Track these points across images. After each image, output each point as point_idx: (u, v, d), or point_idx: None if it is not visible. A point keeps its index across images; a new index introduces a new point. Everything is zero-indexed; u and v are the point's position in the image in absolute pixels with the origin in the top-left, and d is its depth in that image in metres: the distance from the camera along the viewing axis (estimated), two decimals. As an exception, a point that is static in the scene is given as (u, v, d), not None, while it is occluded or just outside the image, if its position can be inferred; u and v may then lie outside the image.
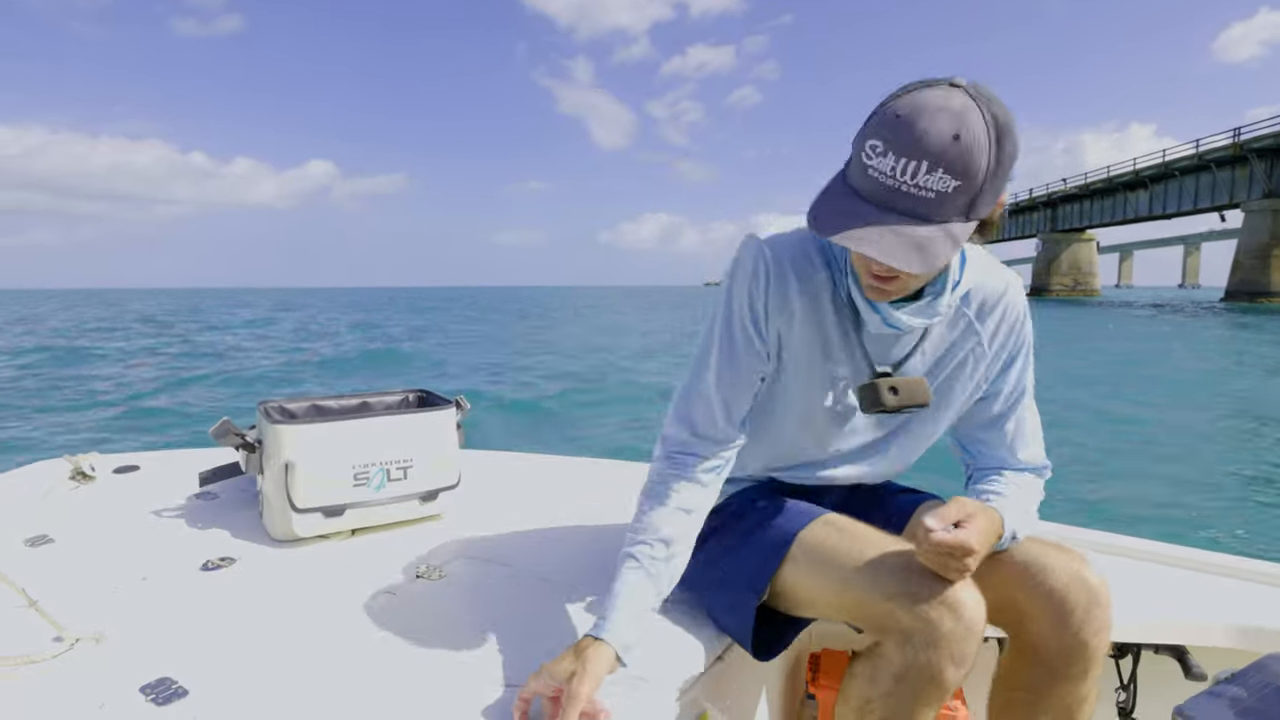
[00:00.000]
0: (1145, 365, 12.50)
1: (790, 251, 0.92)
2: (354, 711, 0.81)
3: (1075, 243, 52.40)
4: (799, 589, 0.95)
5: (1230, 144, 34.42)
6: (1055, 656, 0.88)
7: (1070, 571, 0.88)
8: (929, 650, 0.79)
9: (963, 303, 0.96)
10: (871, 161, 0.74)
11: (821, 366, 0.95)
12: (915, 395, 0.93)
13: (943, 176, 0.72)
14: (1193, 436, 6.62)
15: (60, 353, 14.85)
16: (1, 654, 0.93)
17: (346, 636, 0.99)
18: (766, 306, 0.92)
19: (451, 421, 1.50)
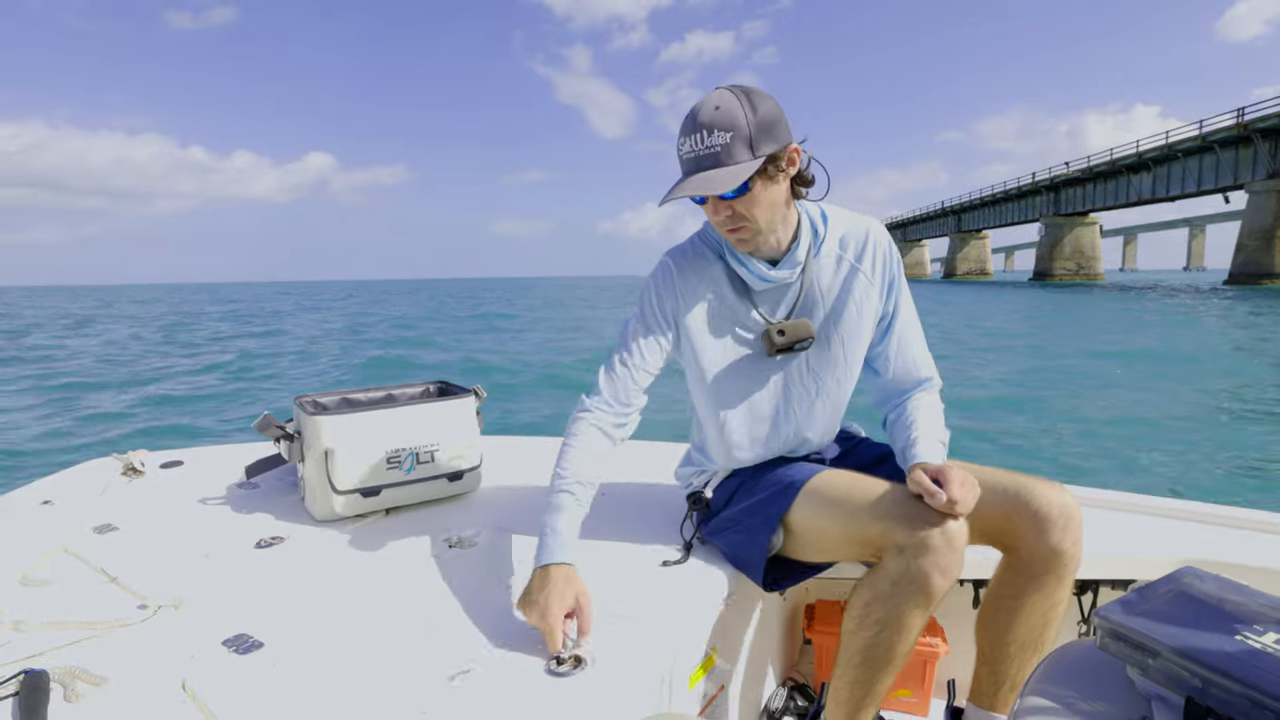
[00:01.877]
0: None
1: (684, 254, 1.26)
2: (406, 657, 0.94)
3: (1078, 226, 52.19)
4: (810, 528, 1.16)
5: (1234, 124, 34.15)
6: (1038, 564, 1.07)
7: (1051, 495, 1.08)
8: (919, 559, 0.99)
9: (840, 248, 1.25)
10: (681, 150, 1.09)
11: (731, 331, 1.25)
12: (799, 331, 1.21)
13: (717, 134, 1.05)
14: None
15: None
16: (96, 619, 1.07)
17: (393, 596, 1.13)
18: (665, 299, 1.25)
19: (471, 408, 1.63)
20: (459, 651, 0.95)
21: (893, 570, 1.01)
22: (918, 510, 1.02)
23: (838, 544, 1.14)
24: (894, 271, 1.27)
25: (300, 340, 17.42)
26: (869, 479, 1.14)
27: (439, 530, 1.40)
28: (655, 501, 1.57)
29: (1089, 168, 46.64)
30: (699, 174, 1.06)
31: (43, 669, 0.88)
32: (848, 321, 1.25)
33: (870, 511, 1.07)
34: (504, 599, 1.11)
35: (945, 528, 0.99)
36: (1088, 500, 1.53)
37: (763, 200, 1.11)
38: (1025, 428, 6.23)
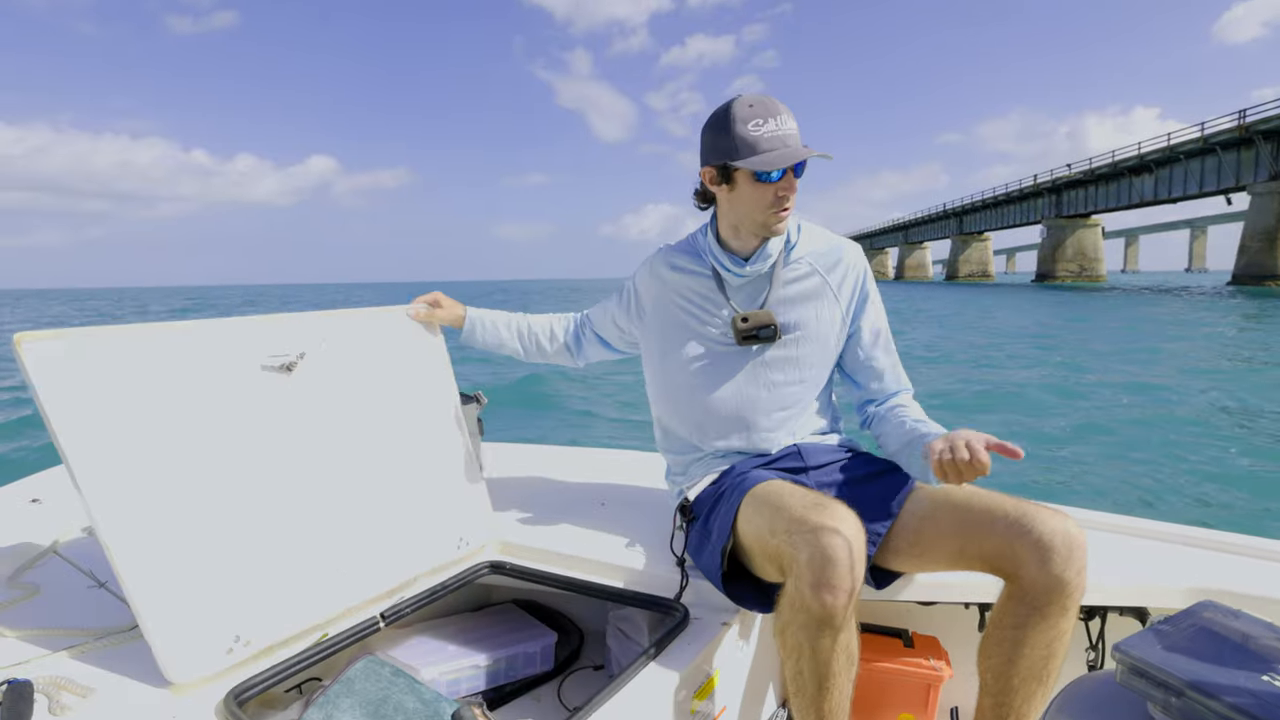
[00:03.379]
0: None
1: (676, 247, 1.46)
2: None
3: (1080, 228, 52.10)
4: (748, 538, 1.14)
5: (1235, 126, 34.11)
6: (1041, 594, 1.02)
7: (1055, 523, 1.03)
8: (801, 582, 0.96)
9: (812, 259, 1.37)
10: (760, 129, 1.21)
11: (705, 319, 1.38)
12: (761, 319, 1.33)
13: (794, 121, 1.23)
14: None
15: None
16: (84, 627, 1.05)
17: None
18: (644, 281, 1.47)
19: (473, 416, 1.60)
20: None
21: (789, 593, 0.99)
22: (799, 523, 1.00)
23: (763, 562, 1.12)
24: (865, 290, 1.40)
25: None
26: (796, 488, 1.13)
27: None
28: (653, 513, 1.55)
29: (1091, 170, 46.60)
30: (796, 146, 1.22)
31: (27, 679, 0.86)
32: (808, 323, 1.36)
33: (775, 524, 1.05)
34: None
35: (818, 540, 0.96)
36: (1095, 524, 1.48)
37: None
38: (1030, 443, 6.11)
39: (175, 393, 1.02)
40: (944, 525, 1.12)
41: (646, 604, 1.24)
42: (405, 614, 1.22)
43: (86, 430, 0.91)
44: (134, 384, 0.98)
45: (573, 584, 1.30)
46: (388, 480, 1.29)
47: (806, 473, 1.31)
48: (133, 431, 0.96)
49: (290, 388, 1.16)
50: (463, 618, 1.51)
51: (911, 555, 1.17)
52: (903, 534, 1.17)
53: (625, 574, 1.29)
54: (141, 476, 0.96)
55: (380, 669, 1.13)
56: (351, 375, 1.27)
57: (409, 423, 1.36)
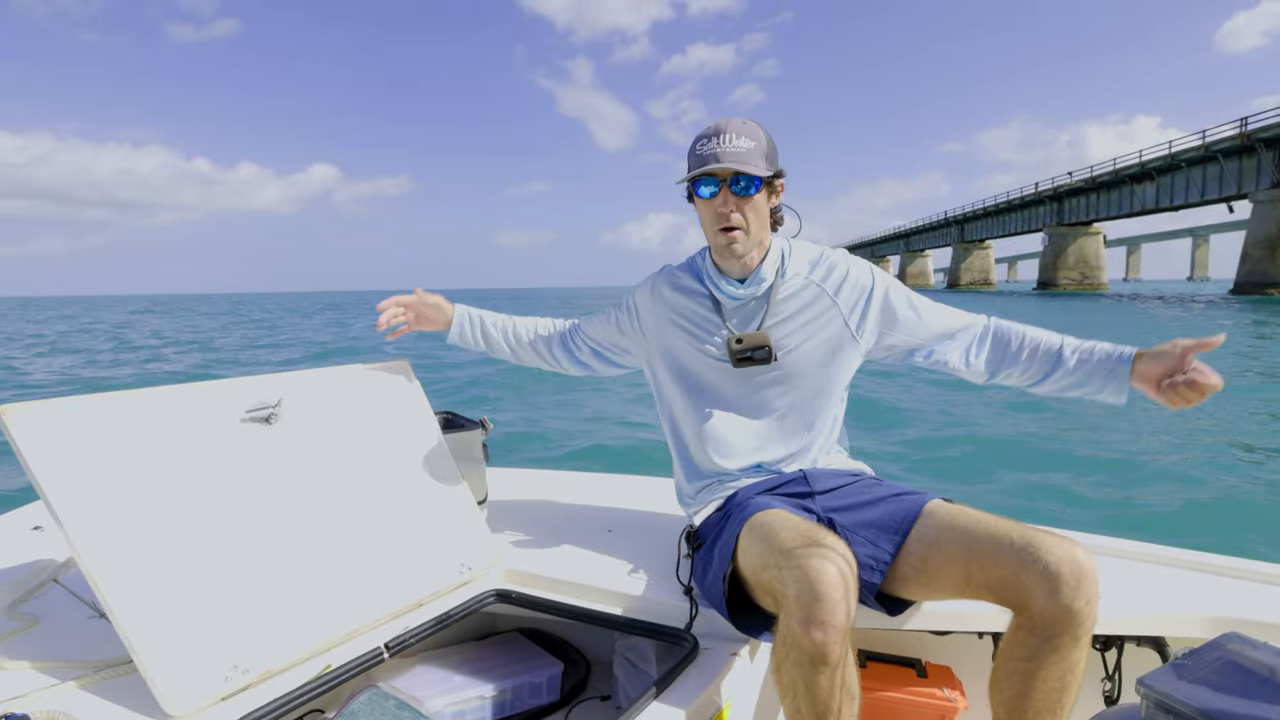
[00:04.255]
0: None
1: (671, 270, 1.47)
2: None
3: (1082, 236, 52.10)
4: (746, 568, 1.13)
5: (1237, 134, 34.14)
6: (1051, 624, 0.99)
7: (1063, 551, 1.00)
8: (790, 619, 0.95)
9: (809, 271, 1.37)
10: (702, 149, 1.26)
11: (702, 343, 1.38)
12: (755, 340, 1.32)
13: (744, 140, 1.24)
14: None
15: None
16: (84, 659, 1.04)
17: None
18: (643, 299, 1.48)
19: (478, 441, 1.60)
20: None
21: (780, 630, 0.98)
22: (789, 558, 0.98)
23: (760, 593, 1.10)
24: (871, 283, 1.37)
25: (310, 349, 17.41)
26: (791, 517, 1.12)
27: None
28: (661, 539, 1.54)
29: (1092, 178, 46.64)
30: (725, 162, 1.22)
31: (25, 714, 0.85)
32: (807, 341, 1.34)
33: (766, 557, 1.04)
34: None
35: (805, 575, 0.95)
36: (1109, 551, 1.45)
37: (759, 210, 1.29)
38: (1040, 465, 5.90)
39: (158, 448, 1.08)
40: (950, 552, 1.11)
41: (655, 634, 1.23)
42: (410, 644, 1.21)
43: (73, 488, 0.97)
44: (117, 443, 1.04)
45: (580, 613, 1.29)
46: (377, 512, 1.31)
47: (813, 498, 1.29)
48: (118, 483, 1.01)
49: (271, 436, 1.22)
50: (468, 647, 1.50)
51: (919, 583, 1.15)
52: (909, 560, 1.16)
53: (633, 603, 1.28)
54: (128, 523, 1.00)
55: (384, 701, 1.12)
56: (330, 421, 1.32)
57: (393, 459, 1.39)
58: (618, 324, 1.51)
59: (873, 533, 1.17)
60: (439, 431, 1.50)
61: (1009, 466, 5.82)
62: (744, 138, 1.24)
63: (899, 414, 7.44)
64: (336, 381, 1.38)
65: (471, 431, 1.58)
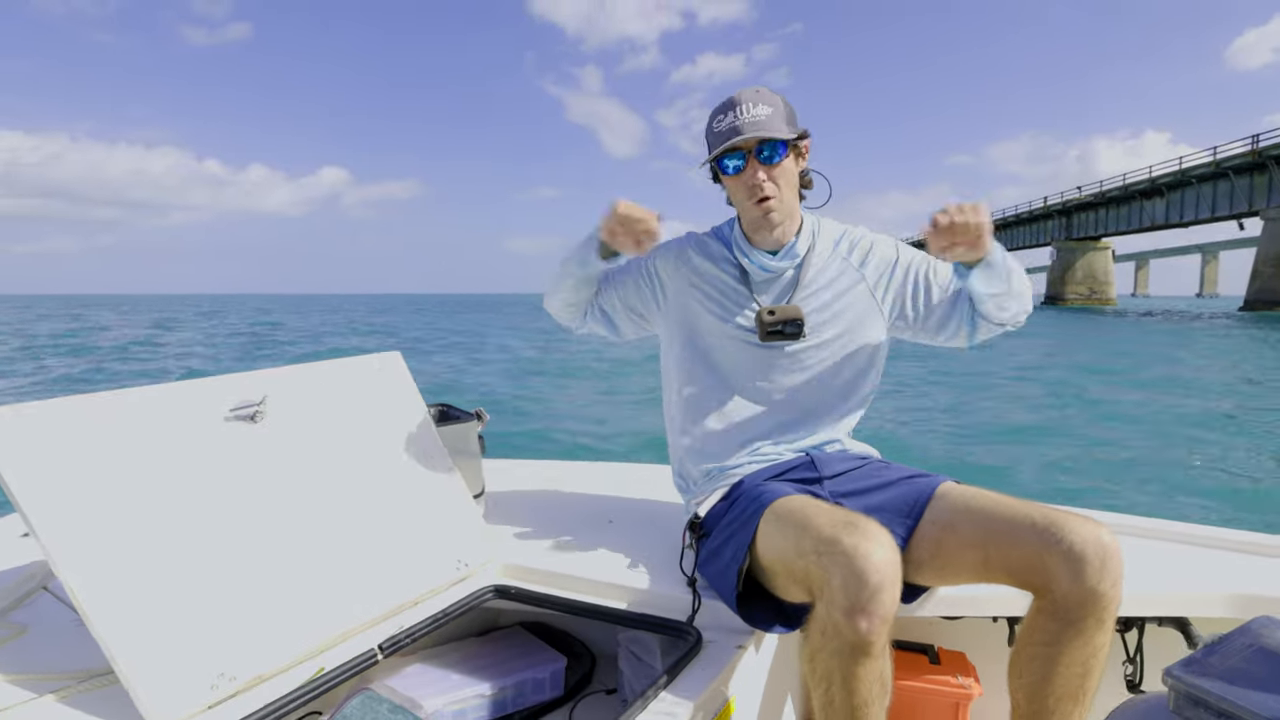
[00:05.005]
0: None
1: (702, 235, 1.42)
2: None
3: (1091, 251, 51.92)
4: (768, 558, 1.09)
5: (1249, 151, 34.00)
6: (1075, 608, 0.95)
7: (1086, 531, 0.97)
8: (833, 606, 0.91)
9: (836, 246, 1.35)
10: (719, 124, 1.23)
11: (728, 314, 1.33)
12: (788, 313, 1.28)
13: (762, 107, 1.21)
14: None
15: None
16: (72, 670, 1.00)
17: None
18: (666, 259, 1.39)
19: (473, 434, 1.55)
20: None
21: (819, 618, 0.94)
22: (830, 543, 0.94)
23: (786, 582, 1.06)
24: (890, 259, 1.34)
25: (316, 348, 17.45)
26: (821, 504, 1.07)
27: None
28: (663, 529, 1.50)
29: (1101, 192, 46.50)
30: (746, 133, 1.19)
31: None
32: (840, 313, 1.31)
33: (802, 544, 0.99)
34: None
35: (852, 562, 0.90)
36: (1131, 529, 1.40)
37: (789, 176, 1.26)
38: (1055, 453, 5.89)
39: (138, 450, 1.04)
40: (966, 535, 1.07)
41: (658, 627, 1.20)
42: (405, 644, 1.17)
43: (47, 494, 0.94)
44: (94, 446, 1.01)
45: (581, 608, 1.25)
46: (369, 509, 1.27)
47: (820, 483, 1.25)
48: (95, 488, 0.98)
49: (257, 434, 1.19)
50: (467, 643, 1.46)
51: (933, 568, 1.12)
52: (923, 545, 1.12)
53: (635, 595, 1.25)
54: (106, 529, 0.96)
55: (378, 705, 1.08)
56: (318, 417, 1.28)
57: (384, 454, 1.35)
58: (634, 287, 1.42)
59: (884, 517, 1.13)
60: (432, 424, 1.46)
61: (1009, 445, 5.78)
62: (761, 104, 1.21)
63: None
64: (324, 376, 1.34)
65: (467, 423, 1.54)
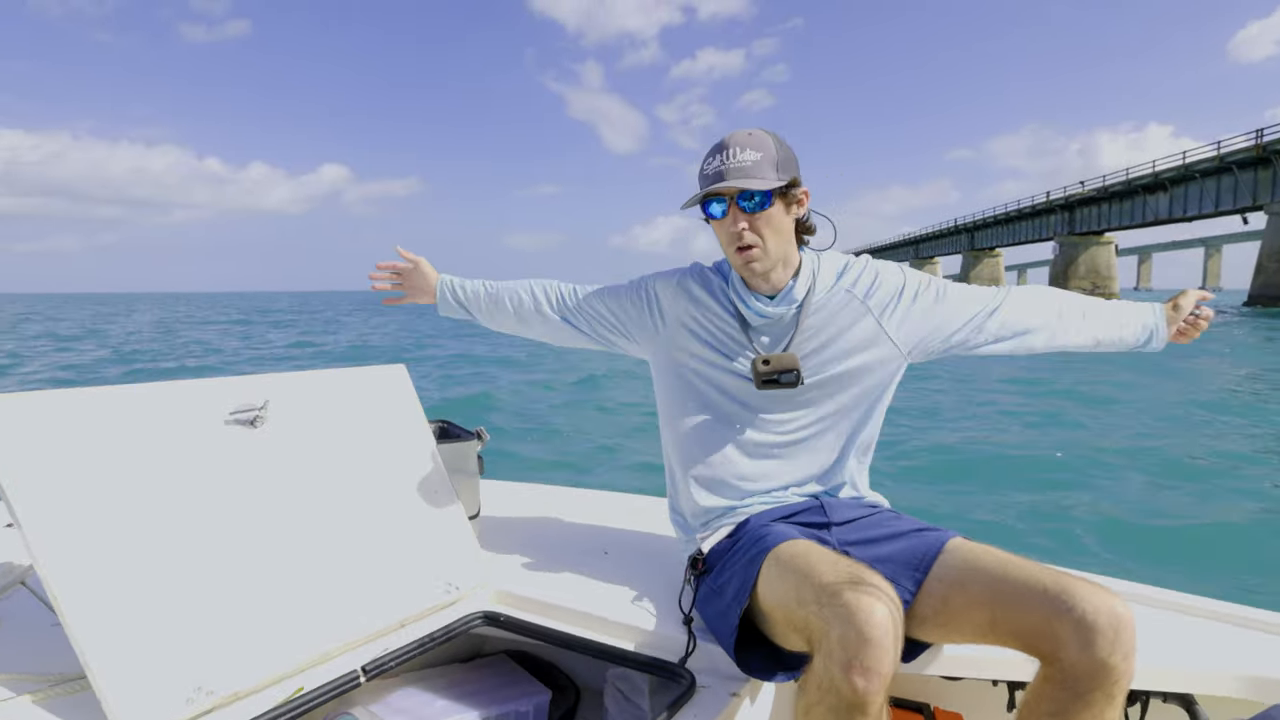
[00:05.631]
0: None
1: (703, 271, 1.38)
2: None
3: (1093, 245, 51.69)
4: (769, 602, 1.05)
5: (1252, 145, 33.76)
6: (1084, 679, 0.92)
7: (1099, 600, 0.93)
8: (832, 662, 0.87)
9: (838, 281, 1.30)
10: (707, 168, 1.20)
11: (725, 360, 1.29)
12: (783, 363, 1.24)
13: (749, 152, 1.17)
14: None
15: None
16: (45, 672, 0.97)
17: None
18: (665, 291, 1.36)
19: (473, 453, 1.53)
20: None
21: (816, 673, 0.90)
22: (833, 597, 0.91)
23: (785, 630, 1.03)
24: (898, 285, 1.30)
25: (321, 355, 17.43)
26: (826, 552, 1.04)
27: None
28: (660, 564, 1.46)
29: (1104, 187, 46.30)
30: (729, 179, 1.17)
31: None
32: (845, 351, 1.27)
33: (803, 593, 0.96)
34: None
35: (853, 617, 0.87)
36: (1135, 597, 1.35)
37: (776, 224, 1.21)
38: (1059, 504, 5.58)
39: (133, 448, 1.02)
40: (975, 594, 1.03)
41: (649, 667, 1.16)
42: (389, 667, 1.15)
43: (36, 487, 0.91)
44: (89, 442, 0.98)
45: (570, 641, 1.22)
46: (361, 525, 1.24)
47: (829, 529, 1.22)
48: (85, 484, 0.96)
49: (255, 440, 1.16)
50: (452, 669, 1.43)
51: (937, 625, 1.08)
52: (928, 601, 1.08)
53: (627, 632, 1.21)
54: (92, 528, 0.94)
55: (358, 728, 1.06)
56: (318, 426, 1.26)
57: (382, 469, 1.32)
58: (633, 305, 1.38)
59: (891, 569, 1.10)
60: (433, 442, 1.43)
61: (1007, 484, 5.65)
62: (749, 150, 1.17)
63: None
64: (328, 385, 1.32)
65: (467, 442, 1.51)
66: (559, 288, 1.45)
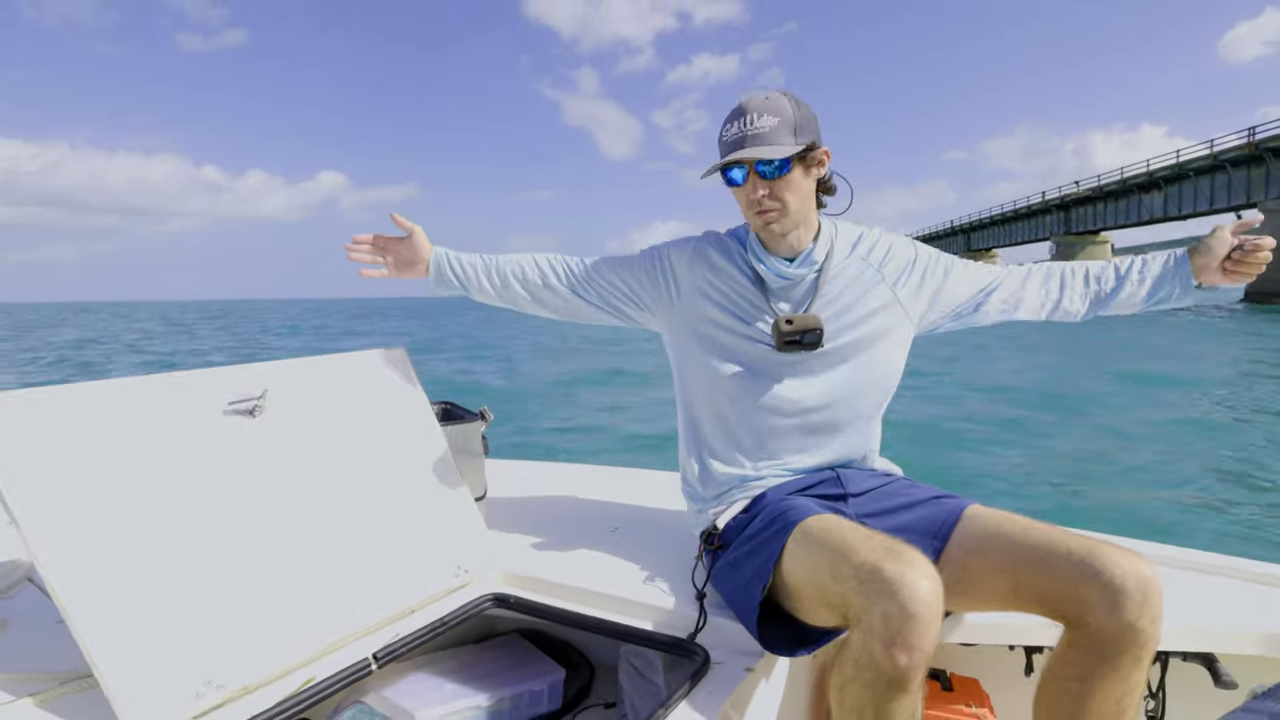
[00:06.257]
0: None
1: (717, 237, 1.36)
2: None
3: (1090, 245, 51.81)
4: (795, 579, 1.03)
5: (1245, 143, 33.94)
6: (1110, 643, 0.91)
7: (1127, 564, 0.92)
8: (873, 637, 0.85)
9: (857, 251, 1.31)
10: (725, 134, 1.19)
11: (744, 323, 1.28)
12: (807, 322, 1.23)
13: (766, 118, 1.16)
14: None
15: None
16: (51, 670, 0.95)
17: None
18: (680, 257, 1.34)
19: (477, 433, 1.52)
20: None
21: (854, 648, 0.89)
22: (871, 572, 0.89)
23: (814, 605, 1.00)
24: (910, 256, 1.33)
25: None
26: (858, 527, 1.01)
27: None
28: (670, 539, 1.45)
29: (1100, 187, 46.44)
30: (748, 147, 1.16)
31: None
32: (862, 318, 1.27)
33: (840, 568, 0.93)
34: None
35: (896, 594, 0.85)
36: (1157, 559, 1.34)
37: (795, 187, 1.20)
38: (1084, 472, 5.63)
39: (131, 442, 1.00)
40: (995, 561, 1.03)
41: (661, 645, 1.15)
42: (400, 653, 1.13)
43: (33, 484, 0.89)
44: (85, 437, 0.97)
45: (582, 621, 1.21)
46: (368, 511, 1.23)
47: (845, 500, 1.22)
48: (83, 479, 0.94)
49: (255, 429, 1.15)
50: (464, 651, 1.42)
51: (958, 592, 1.07)
52: (948, 569, 1.07)
53: (639, 609, 1.20)
54: (93, 523, 0.92)
55: (371, 719, 1.04)
56: (318, 414, 1.24)
57: (386, 454, 1.31)
58: (647, 275, 1.35)
59: (910, 538, 1.08)
60: (436, 424, 1.42)
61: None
62: (766, 115, 1.17)
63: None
64: (327, 371, 1.31)
65: (471, 423, 1.50)
66: (564, 260, 1.41)
